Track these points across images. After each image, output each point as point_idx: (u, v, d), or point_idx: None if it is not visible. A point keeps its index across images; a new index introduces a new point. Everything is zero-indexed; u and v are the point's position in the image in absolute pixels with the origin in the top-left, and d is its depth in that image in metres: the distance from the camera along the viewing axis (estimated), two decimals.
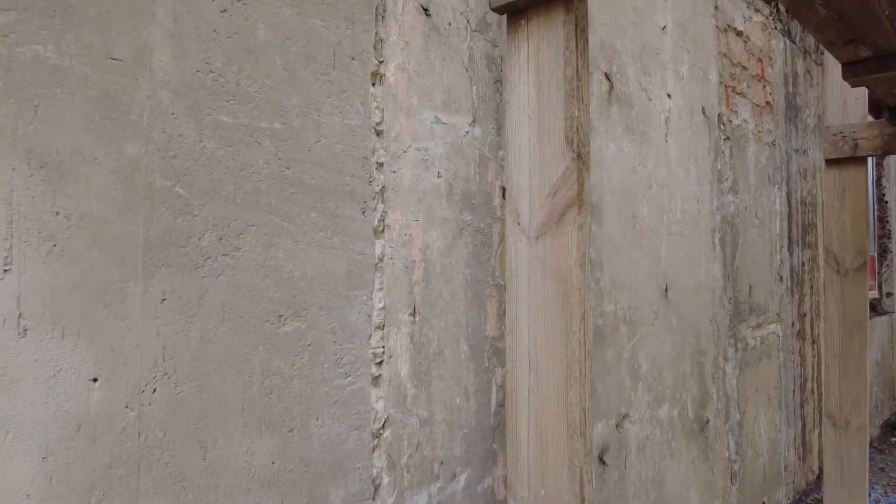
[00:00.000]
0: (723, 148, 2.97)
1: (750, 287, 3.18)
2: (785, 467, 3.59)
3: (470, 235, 1.72)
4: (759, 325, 3.28)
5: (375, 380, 1.48)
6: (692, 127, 2.74)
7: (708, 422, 2.78)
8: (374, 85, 1.49)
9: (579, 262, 1.15)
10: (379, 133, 1.50)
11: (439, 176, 1.64)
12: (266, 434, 1.27)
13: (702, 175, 2.79)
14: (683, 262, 2.61)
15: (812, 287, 3.99)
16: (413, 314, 1.57)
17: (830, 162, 3.33)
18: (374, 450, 1.47)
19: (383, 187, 1.51)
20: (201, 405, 1.18)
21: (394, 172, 1.53)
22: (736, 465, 3.02)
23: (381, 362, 1.49)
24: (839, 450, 3.37)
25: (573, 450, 1.21)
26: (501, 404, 1.78)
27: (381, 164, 1.50)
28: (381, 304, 1.49)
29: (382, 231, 1.51)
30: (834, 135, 3.32)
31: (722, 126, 2.97)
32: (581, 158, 1.16)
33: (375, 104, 1.49)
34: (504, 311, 1.76)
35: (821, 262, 4.12)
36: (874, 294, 5.41)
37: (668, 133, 2.55)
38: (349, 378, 1.42)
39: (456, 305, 1.67)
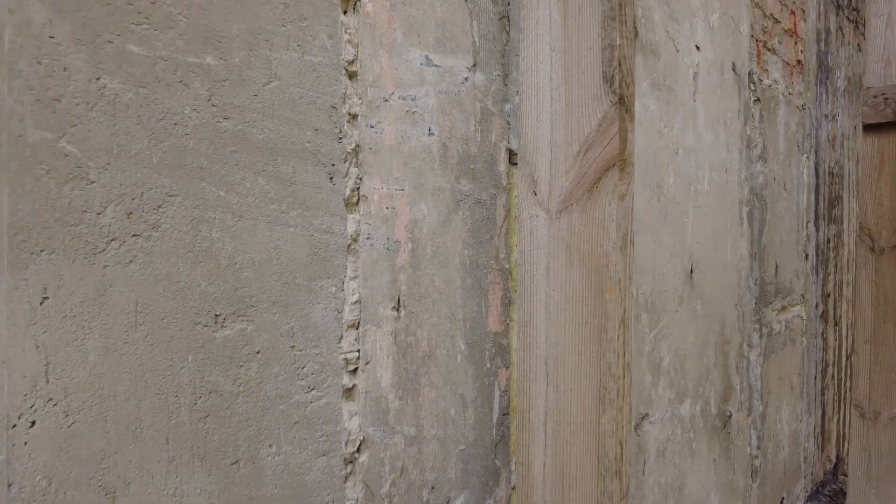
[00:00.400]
0: (752, 111, 2.63)
1: (776, 266, 2.88)
2: (804, 459, 3.34)
3: (469, 209, 1.40)
4: (784, 308, 2.99)
5: (348, 392, 1.17)
6: (722, 85, 2.40)
7: (731, 416, 2.51)
8: (345, 13, 1.15)
9: (620, 246, 0.84)
10: (352, 75, 1.16)
11: (430, 133, 1.31)
12: (201, 470, 0.97)
13: (731, 141, 2.46)
14: (710, 239, 2.30)
15: (836, 265, 3.70)
16: (397, 308, 1.26)
17: (869, 128, 3.00)
18: (346, 479, 1.18)
19: (357, 146, 1.18)
20: (106, 439, 0.87)
21: (371, 128, 1.20)
22: (757, 460, 2.77)
23: (355, 370, 1.18)
24: (866, 443, 3.13)
25: (605, 493, 0.91)
26: (505, 412, 1.48)
27: (354, 117, 1.16)
28: (354, 297, 1.18)
29: (357, 203, 1.19)
30: (875, 97, 2.99)
31: (752, 86, 2.63)
32: (624, 103, 0.83)
33: (347, 37, 1.15)
34: (510, 302, 1.45)
35: (846, 239, 3.82)
36: None
37: (696, 91, 2.21)
38: (313, 392, 1.12)
39: (451, 295, 1.36)
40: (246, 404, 1.02)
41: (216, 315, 0.98)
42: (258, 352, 1.03)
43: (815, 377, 3.45)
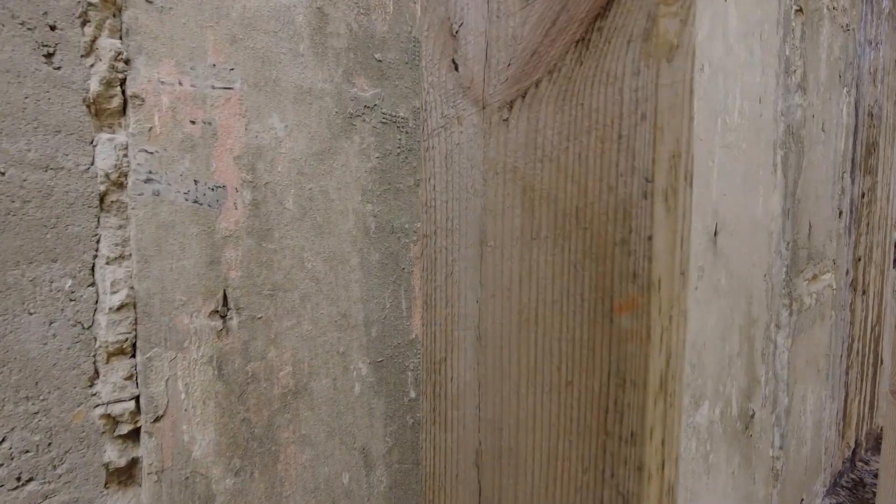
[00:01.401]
0: (794, 24, 2.02)
1: (810, 226, 2.33)
2: (825, 450, 2.88)
3: (373, 132, 0.81)
4: (815, 278, 2.45)
5: (119, 479, 0.60)
6: None
7: (753, 416, 1.99)
8: None
9: (685, 142, 0.26)
10: None
11: None
12: None
13: (767, 61, 1.86)
14: (739, 190, 1.73)
15: (868, 224, 3.16)
16: (222, 312, 0.69)
17: None
18: None
19: None
20: None
21: None
22: (779, 462, 2.28)
23: (131, 433, 0.61)
24: None
25: None
26: None
27: None
28: (119, 297, 0.60)
29: (123, 111, 0.59)
30: None
31: None
32: None
33: None
34: None
35: (879, 193, 3.26)
36: None
37: None
38: (43, 480, 0.54)
39: (339, 284, 0.78)
40: None
41: None
42: None
43: (841, 356, 2.95)
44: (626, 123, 0.35)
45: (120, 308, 0.61)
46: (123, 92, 0.60)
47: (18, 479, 0.54)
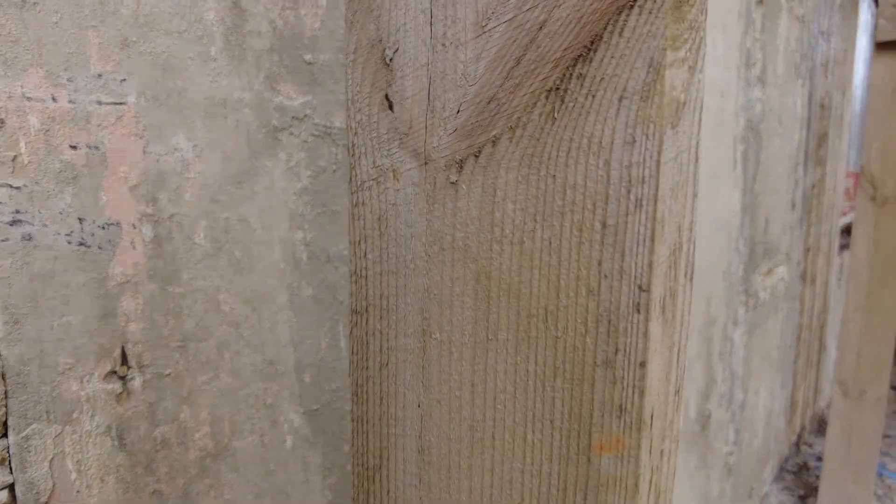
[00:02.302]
0: (754, 15, 1.98)
1: (766, 221, 2.32)
2: (775, 438, 2.94)
3: (303, 146, 0.70)
4: (769, 272, 2.46)
5: None
6: None
7: (710, 416, 1.98)
8: None
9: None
10: None
11: None
12: None
13: (729, 54, 1.81)
14: (702, 188, 1.68)
15: (818, 215, 3.21)
16: (122, 372, 0.58)
17: (883, 47, 2.42)
18: None
19: None
20: None
21: None
22: (732, 457, 2.30)
23: None
24: (849, 424, 2.73)
25: None
26: None
27: None
28: None
29: None
30: (894, 6, 2.39)
31: None
32: None
33: None
34: None
35: (828, 184, 3.32)
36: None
37: None
38: None
39: (265, 327, 0.68)
40: None
41: None
42: None
43: (791, 345, 3.01)
44: (613, 210, 0.25)
45: None
46: None
47: None
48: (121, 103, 0.55)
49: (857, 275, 2.56)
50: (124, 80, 0.55)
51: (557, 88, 0.27)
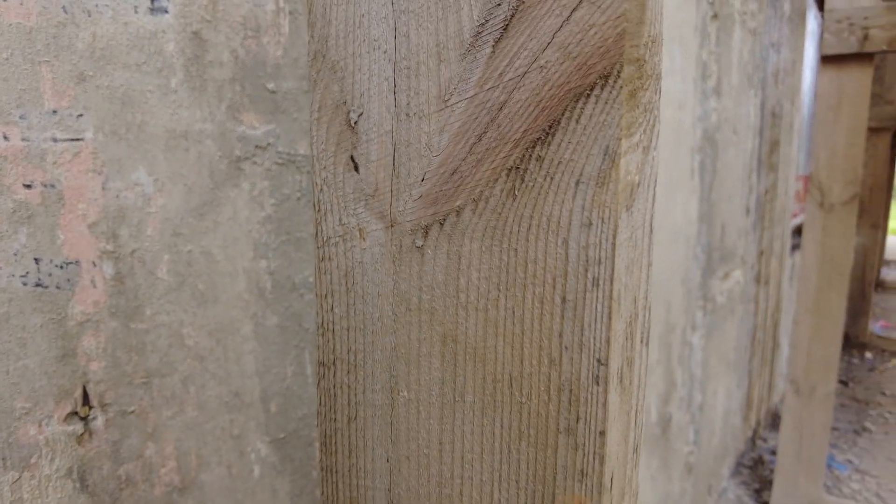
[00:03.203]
0: (710, 29, 2.04)
1: (722, 228, 2.40)
2: (732, 436, 3.04)
3: (266, 175, 0.70)
4: (726, 276, 2.55)
5: None
6: None
7: (671, 419, 2.04)
8: None
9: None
10: None
11: (158, 8, 0.58)
12: None
13: (686, 67, 1.86)
14: (660, 199, 1.73)
15: (770, 219, 3.33)
16: (83, 413, 0.56)
17: (829, 60, 2.53)
18: None
19: None
20: None
21: None
22: (693, 456, 2.37)
23: None
24: (800, 420, 2.84)
25: None
26: None
27: None
28: None
29: None
30: (838, 21, 2.49)
31: None
32: None
33: None
34: None
35: (780, 189, 3.44)
36: None
37: None
38: None
39: (229, 357, 0.67)
40: None
41: None
42: None
43: (746, 346, 3.11)
44: (571, 286, 0.27)
45: None
46: None
47: None
48: (78, 139, 0.54)
49: (806, 278, 2.67)
50: (81, 115, 0.54)
51: (518, 168, 0.28)
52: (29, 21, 0.50)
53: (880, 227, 5.96)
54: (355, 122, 0.33)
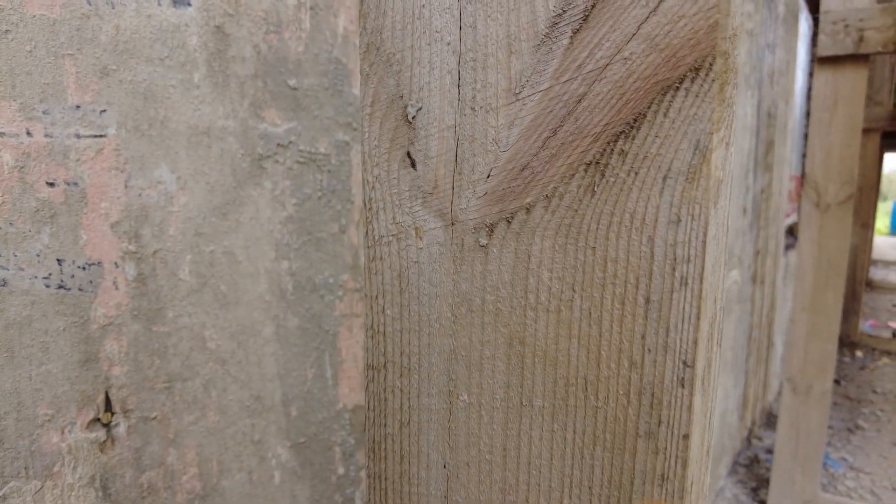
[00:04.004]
0: None
1: None
2: (729, 435, 3.05)
3: (288, 174, 0.68)
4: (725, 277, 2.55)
5: None
6: None
7: None
8: None
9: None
10: None
11: (181, 0, 0.56)
12: None
13: None
14: None
15: (766, 219, 3.35)
16: (105, 419, 0.55)
17: (824, 61, 2.55)
18: None
19: None
20: None
21: None
22: None
23: None
24: (797, 419, 2.87)
25: None
26: None
27: None
28: None
29: None
30: (833, 23, 2.52)
31: None
32: None
33: None
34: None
35: (775, 189, 3.47)
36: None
37: None
38: None
39: (251, 361, 0.66)
40: None
41: None
42: None
43: (743, 345, 3.13)
44: (657, 286, 0.26)
45: None
46: None
47: None
48: (100, 136, 0.52)
49: (803, 277, 2.69)
50: (104, 110, 0.52)
51: (597, 163, 0.27)
52: (52, 12, 0.48)
53: (870, 226, 6.03)
54: (413, 117, 0.32)
